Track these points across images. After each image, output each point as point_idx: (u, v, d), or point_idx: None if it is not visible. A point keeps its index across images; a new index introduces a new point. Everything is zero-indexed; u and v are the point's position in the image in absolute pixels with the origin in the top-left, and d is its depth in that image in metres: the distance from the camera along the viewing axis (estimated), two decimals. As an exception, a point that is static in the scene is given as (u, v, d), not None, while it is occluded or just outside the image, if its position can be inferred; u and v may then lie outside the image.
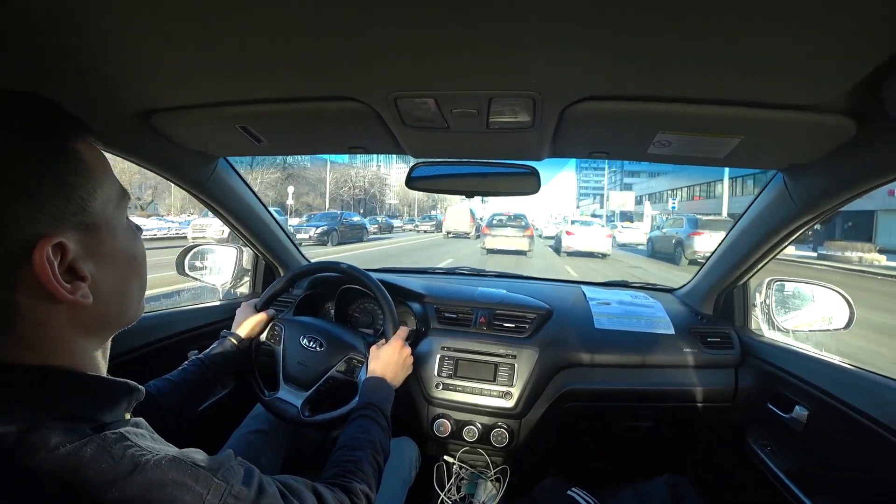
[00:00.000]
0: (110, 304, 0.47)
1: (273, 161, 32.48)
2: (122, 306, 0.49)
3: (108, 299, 0.46)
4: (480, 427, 1.28)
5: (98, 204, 0.44)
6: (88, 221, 0.43)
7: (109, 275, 0.46)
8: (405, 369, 1.09)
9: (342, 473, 0.71)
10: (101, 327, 0.47)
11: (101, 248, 0.45)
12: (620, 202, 55.09)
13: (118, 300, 0.48)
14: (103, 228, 0.45)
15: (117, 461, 0.39)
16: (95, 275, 0.44)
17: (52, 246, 0.39)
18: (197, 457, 0.44)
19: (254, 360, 1.18)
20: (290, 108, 0.81)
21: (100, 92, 0.73)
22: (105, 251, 0.45)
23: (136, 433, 0.43)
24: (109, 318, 0.48)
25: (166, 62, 0.64)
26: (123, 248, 0.48)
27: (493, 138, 0.91)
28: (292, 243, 1.68)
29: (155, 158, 1.05)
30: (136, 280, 0.51)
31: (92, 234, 0.44)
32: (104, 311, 0.46)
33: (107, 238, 0.45)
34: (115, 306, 0.48)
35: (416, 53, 0.59)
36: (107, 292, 0.46)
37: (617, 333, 1.36)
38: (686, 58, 0.57)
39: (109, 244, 0.46)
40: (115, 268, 0.47)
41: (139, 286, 0.52)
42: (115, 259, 0.47)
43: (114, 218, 0.47)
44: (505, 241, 13.38)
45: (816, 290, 1.34)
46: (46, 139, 0.41)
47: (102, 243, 0.45)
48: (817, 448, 1.03)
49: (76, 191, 0.42)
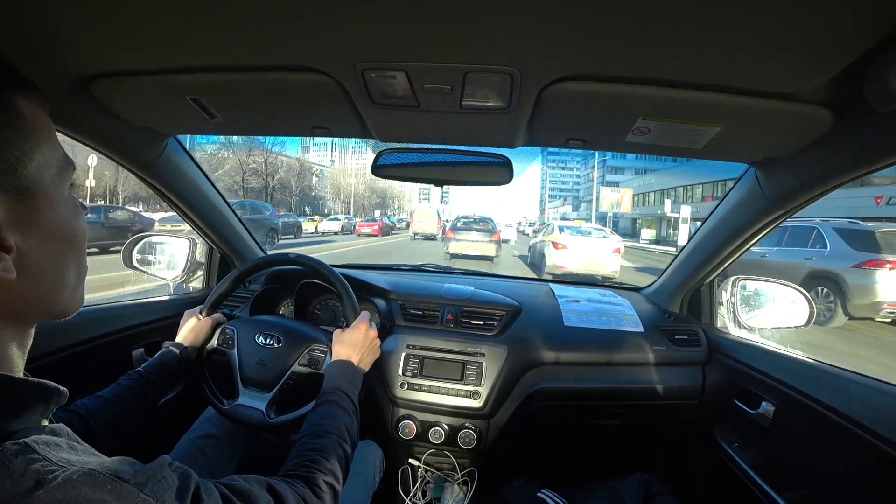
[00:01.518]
0: (38, 285, 0.40)
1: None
2: (53, 289, 0.42)
3: (37, 278, 0.40)
4: (447, 428, 1.24)
5: (34, 167, 0.39)
6: (20, 185, 0.38)
7: (40, 250, 0.40)
8: (372, 352, 1.03)
9: (304, 464, 0.65)
10: (23, 312, 0.40)
11: (34, 217, 0.39)
12: (613, 201, 38.73)
13: (49, 281, 0.42)
14: (38, 196, 0.40)
15: (16, 479, 0.32)
16: (23, 247, 0.38)
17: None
18: (122, 468, 0.37)
19: (204, 368, 1.08)
20: (247, 78, 0.75)
21: (31, 52, 0.65)
22: (38, 221, 0.40)
23: (48, 442, 0.36)
24: (35, 302, 0.41)
25: (107, 20, 0.57)
26: (61, 222, 0.42)
27: (466, 121, 0.87)
28: (249, 234, 1.58)
29: (96, 134, 0.95)
30: (74, 262, 0.44)
31: (24, 200, 0.38)
32: (29, 292, 0.39)
33: (42, 207, 0.40)
34: (44, 288, 0.41)
35: (387, 19, 0.55)
36: (35, 269, 0.39)
37: (586, 331, 1.35)
38: (669, 39, 0.56)
39: (45, 214, 0.40)
40: (48, 242, 0.41)
41: (77, 270, 0.45)
42: (49, 232, 0.41)
43: (53, 187, 0.41)
44: (470, 245, 12.38)
45: (777, 288, 1.37)
46: None
47: (36, 212, 0.39)
48: (784, 442, 1.04)
49: (8, 148, 0.37)
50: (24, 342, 0.42)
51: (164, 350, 1.00)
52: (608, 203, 39.05)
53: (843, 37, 0.52)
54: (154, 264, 1.54)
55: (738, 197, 1.11)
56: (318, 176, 56.50)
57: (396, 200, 77.10)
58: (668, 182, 35.81)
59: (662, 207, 31.77)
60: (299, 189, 46.00)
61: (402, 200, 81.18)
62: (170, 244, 1.56)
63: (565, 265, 9.15)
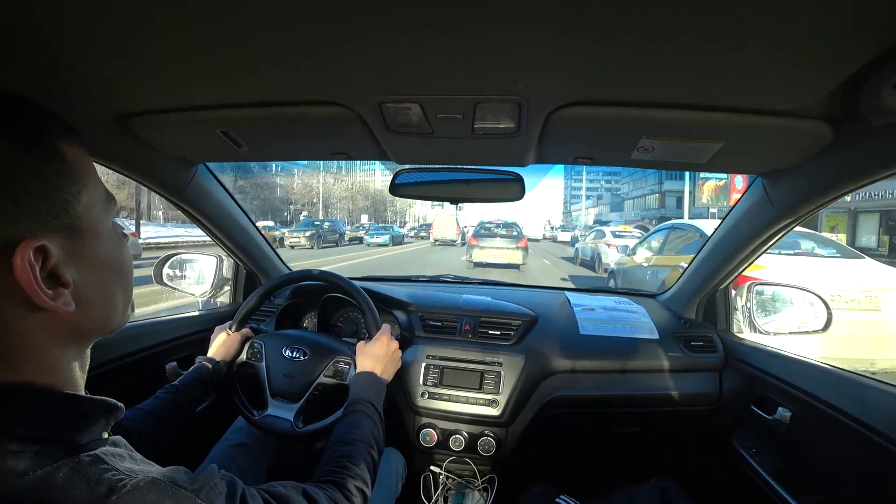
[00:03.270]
0: (93, 313, 0.44)
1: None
2: (106, 315, 0.47)
3: (91, 307, 0.44)
4: (467, 436, 1.26)
5: (82, 207, 0.42)
6: (72, 225, 0.41)
7: (93, 281, 0.44)
8: (394, 363, 1.08)
9: (335, 470, 0.70)
10: (82, 337, 0.45)
11: (85, 252, 0.43)
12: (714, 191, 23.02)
13: (101, 308, 0.46)
14: (87, 233, 0.43)
15: (92, 486, 0.36)
16: (78, 281, 0.42)
17: (34, 249, 0.37)
18: (179, 476, 0.42)
19: (235, 381, 1.14)
20: (272, 112, 0.79)
21: (75, 94, 0.70)
22: (89, 256, 0.43)
23: (114, 454, 0.41)
24: (91, 327, 0.45)
25: (145, 64, 0.62)
26: (108, 254, 0.46)
27: (477, 144, 0.91)
28: (273, 251, 1.64)
29: (132, 164, 1.02)
30: (121, 288, 0.49)
31: (75, 238, 0.42)
32: (86, 319, 0.44)
33: (91, 243, 0.44)
34: (97, 314, 0.45)
35: (402, 58, 0.59)
36: (90, 300, 0.43)
37: (602, 339, 1.37)
38: (669, 64, 0.58)
39: (94, 249, 0.44)
40: (99, 274, 0.45)
41: (124, 295, 0.49)
42: (99, 265, 0.45)
43: (99, 223, 0.45)
44: (495, 253, 11.47)
45: (795, 293, 1.37)
46: (29, 138, 0.40)
47: (86, 248, 0.43)
48: (801, 449, 1.04)
49: (59, 192, 0.40)
50: (84, 361, 0.46)
51: (197, 365, 1.06)
52: (708, 194, 24.67)
53: (838, 54, 0.53)
54: (183, 280, 1.60)
55: (748, 206, 1.12)
56: (281, 176, 46.95)
57: (390, 205, 62.80)
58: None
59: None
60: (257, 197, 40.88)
61: (403, 204, 65.66)
62: (198, 261, 1.61)
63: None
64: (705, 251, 1.39)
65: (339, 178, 53.06)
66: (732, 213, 1.21)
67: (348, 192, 54.07)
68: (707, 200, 24.94)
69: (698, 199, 26.17)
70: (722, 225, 1.27)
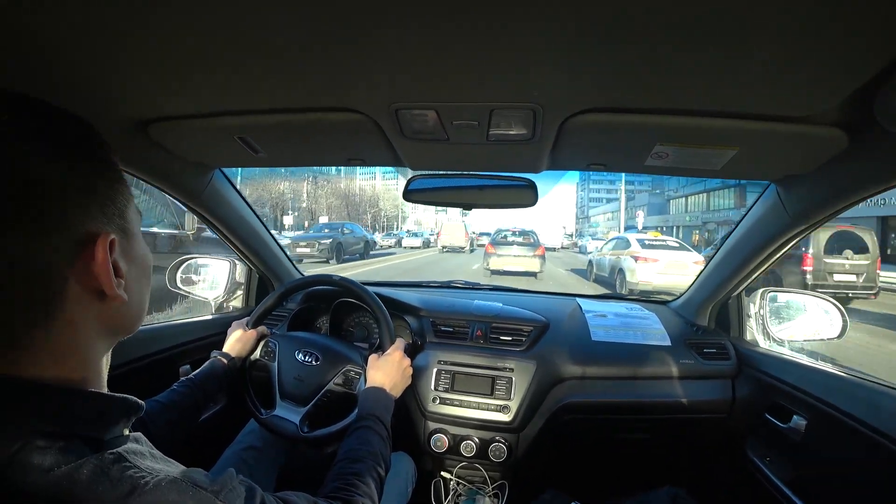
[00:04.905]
0: (131, 307, 0.48)
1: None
2: (139, 311, 0.50)
3: (131, 301, 0.47)
4: (478, 441, 1.26)
5: (131, 212, 0.48)
6: (125, 226, 0.46)
7: (135, 279, 0.48)
8: (404, 380, 1.08)
9: (343, 487, 0.70)
10: (118, 329, 0.48)
11: (131, 252, 0.47)
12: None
13: (137, 304, 0.49)
14: (131, 233, 0.48)
15: (115, 484, 0.37)
16: (126, 275, 0.46)
17: (109, 242, 0.42)
18: (199, 477, 0.42)
19: (247, 378, 1.16)
20: (289, 118, 0.81)
21: (96, 100, 0.72)
22: (133, 255, 0.48)
23: (136, 451, 0.42)
24: (126, 322, 0.49)
25: (164, 71, 0.63)
26: (143, 254, 0.50)
27: (492, 150, 0.91)
28: (286, 256, 1.66)
29: (151, 170, 1.04)
30: (148, 288, 0.53)
31: (127, 238, 0.46)
32: (126, 312, 0.47)
33: (134, 244, 0.48)
34: (133, 310, 0.49)
35: (418, 65, 0.60)
36: (131, 294, 0.47)
37: (614, 346, 1.36)
38: (684, 72, 0.58)
39: (136, 250, 0.49)
40: (138, 273, 0.49)
41: (148, 295, 0.53)
42: (138, 264, 0.49)
43: (136, 226, 0.49)
44: (513, 261, 11.43)
45: (809, 299, 1.36)
46: (95, 151, 0.45)
47: (132, 248, 0.48)
48: (816, 457, 1.03)
49: (119, 196, 0.46)
50: (108, 359, 0.48)
51: (212, 359, 1.07)
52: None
53: (853, 60, 0.53)
54: (197, 284, 1.62)
55: (761, 212, 1.12)
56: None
57: (372, 205, 54.52)
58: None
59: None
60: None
61: (394, 204, 58.10)
62: (211, 265, 1.64)
63: (653, 279, 8.50)
64: (718, 258, 1.38)
65: (317, 180, 49.95)
66: (745, 220, 1.20)
67: (323, 191, 50.90)
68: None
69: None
70: (735, 231, 1.26)
